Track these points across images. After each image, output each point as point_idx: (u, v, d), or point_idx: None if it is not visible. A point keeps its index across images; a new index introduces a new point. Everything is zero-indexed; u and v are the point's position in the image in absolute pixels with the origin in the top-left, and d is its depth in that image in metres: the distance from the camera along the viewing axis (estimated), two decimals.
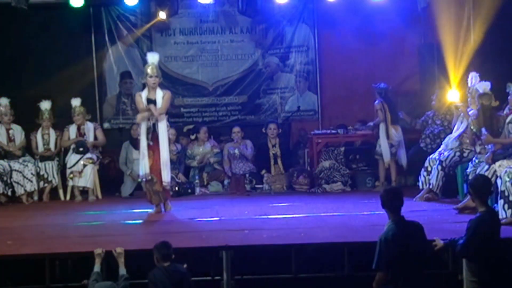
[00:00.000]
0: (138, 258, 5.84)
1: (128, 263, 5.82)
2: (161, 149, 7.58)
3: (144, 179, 7.67)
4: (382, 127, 9.29)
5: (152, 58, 7.72)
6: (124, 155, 9.76)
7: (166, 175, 7.62)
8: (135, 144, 9.70)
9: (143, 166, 7.62)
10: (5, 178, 8.92)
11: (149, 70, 7.64)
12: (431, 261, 5.12)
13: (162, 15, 10.63)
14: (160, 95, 7.64)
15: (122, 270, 5.34)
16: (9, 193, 9.00)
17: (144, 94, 7.68)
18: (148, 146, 7.60)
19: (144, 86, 7.79)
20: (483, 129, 7.15)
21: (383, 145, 9.30)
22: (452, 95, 8.66)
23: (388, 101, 9.37)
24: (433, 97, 9.24)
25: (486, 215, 5.00)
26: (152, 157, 7.60)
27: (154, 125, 7.60)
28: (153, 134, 7.61)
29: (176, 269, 5.20)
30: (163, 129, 7.62)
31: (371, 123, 9.61)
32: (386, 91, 9.40)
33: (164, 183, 7.63)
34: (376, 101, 9.35)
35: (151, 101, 7.61)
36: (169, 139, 8.41)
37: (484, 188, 5.16)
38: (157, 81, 7.66)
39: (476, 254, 4.89)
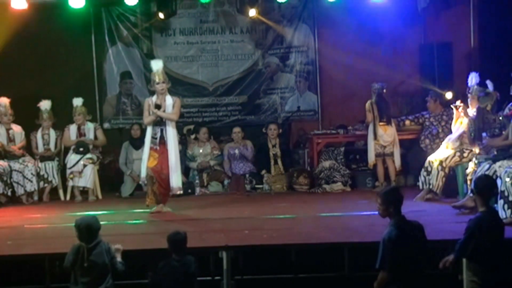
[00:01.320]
0: (138, 258, 5.84)
1: (128, 263, 5.82)
2: (169, 154, 7.59)
3: (143, 182, 7.82)
4: (370, 128, 9.31)
5: (156, 65, 7.75)
6: (124, 155, 9.77)
7: (175, 180, 7.63)
8: (135, 144, 9.73)
9: (144, 170, 7.70)
10: (5, 178, 8.91)
11: (155, 77, 7.68)
12: (431, 262, 5.11)
13: (161, 15, 10.66)
14: (170, 102, 7.67)
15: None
16: (9, 194, 9.00)
17: (152, 100, 7.70)
18: (154, 149, 7.62)
19: (154, 93, 7.81)
20: (484, 134, 7.21)
21: (369, 146, 9.32)
22: (452, 96, 8.68)
23: (380, 101, 9.35)
24: (427, 98, 9.25)
25: (486, 215, 5.00)
26: (158, 159, 7.60)
27: (162, 130, 7.62)
28: (160, 140, 7.62)
29: (184, 262, 5.23)
30: (172, 135, 7.64)
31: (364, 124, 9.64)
32: (379, 91, 9.40)
33: (172, 189, 7.65)
34: (368, 101, 9.35)
35: (159, 107, 7.62)
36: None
37: (487, 188, 5.16)
38: (165, 87, 7.70)
39: (474, 254, 4.88)
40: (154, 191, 7.69)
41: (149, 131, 7.72)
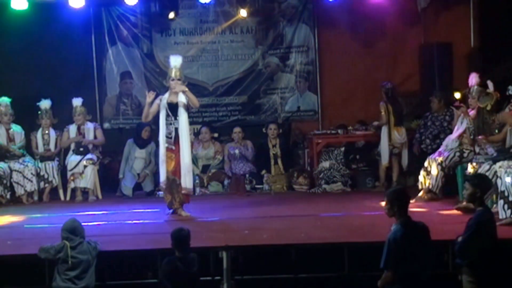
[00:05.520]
0: (138, 258, 5.85)
1: (128, 263, 5.83)
2: (181, 154, 7.39)
3: (163, 185, 7.54)
4: (384, 129, 9.28)
5: (175, 61, 7.59)
6: (126, 153, 9.79)
7: (188, 181, 7.44)
8: (139, 143, 9.74)
9: (163, 173, 7.44)
10: (4, 181, 8.90)
11: (172, 73, 7.52)
12: (434, 263, 5.11)
13: (171, 15, 10.64)
14: (182, 99, 7.48)
15: None
16: (8, 196, 8.98)
17: (165, 99, 7.50)
18: (170, 149, 7.42)
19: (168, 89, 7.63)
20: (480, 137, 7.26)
21: (383, 148, 9.30)
22: (451, 96, 8.67)
23: (394, 101, 9.34)
24: (431, 98, 9.25)
25: (485, 214, 5.02)
26: (175, 159, 7.42)
27: (176, 129, 7.44)
28: (175, 139, 7.43)
29: (189, 260, 5.30)
30: (185, 134, 7.45)
31: (375, 123, 9.58)
32: (392, 91, 9.37)
33: (184, 190, 7.44)
34: (381, 102, 9.33)
35: (172, 106, 7.46)
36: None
37: (486, 186, 5.19)
38: (178, 84, 7.48)
39: (474, 253, 4.89)
40: (180, 191, 7.48)
41: (162, 131, 7.49)
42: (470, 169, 7.46)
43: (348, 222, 6.99)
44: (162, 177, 7.50)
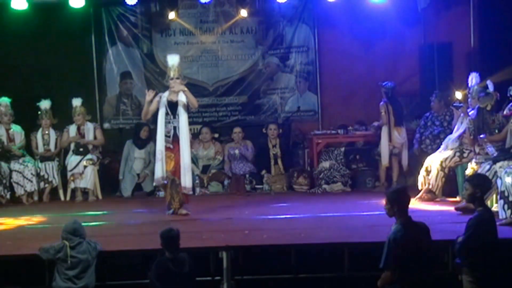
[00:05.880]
0: (138, 258, 5.86)
1: (128, 263, 5.84)
2: (181, 154, 7.41)
3: (160, 182, 7.55)
4: (384, 129, 9.28)
5: (172, 60, 7.60)
6: (126, 154, 9.79)
7: (188, 181, 7.46)
8: (138, 144, 9.73)
9: (159, 169, 7.46)
10: (4, 181, 8.90)
11: (170, 72, 7.54)
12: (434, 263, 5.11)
13: (171, 15, 10.66)
14: (182, 97, 7.51)
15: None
16: (8, 196, 8.98)
17: (164, 96, 7.53)
18: (168, 148, 7.45)
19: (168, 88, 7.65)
20: (483, 135, 7.24)
21: (383, 149, 9.29)
22: (452, 96, 8.66)
23: (394, 101, 9.34)
24: (431, 98, 9.25)
25: (484, 214, 5.02)
26: (174, 159, 7.44)
27: (175, 128, 7.46)
28: (174, 138, 7.46)
29: (180, 260, 5.27)
30: (185, 133, 7.47)
31: (375, 123, 9.58)
32: (392, 91, 9.37)
33: (184, 189, 7.47)
34: (381, 102, 9.33)
35: (172, 104, 7.48)
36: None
37: (485, 186, 5.19)
38: (178, 83, 7.50)
39: (474, 253, 4.89)
40: (180, 191, 7.49)
41: (160, 128, 7.52)
42: (470, 169, 7.46)
43: (348, 222, 6.99)
44: (157, 173, 7.51)
